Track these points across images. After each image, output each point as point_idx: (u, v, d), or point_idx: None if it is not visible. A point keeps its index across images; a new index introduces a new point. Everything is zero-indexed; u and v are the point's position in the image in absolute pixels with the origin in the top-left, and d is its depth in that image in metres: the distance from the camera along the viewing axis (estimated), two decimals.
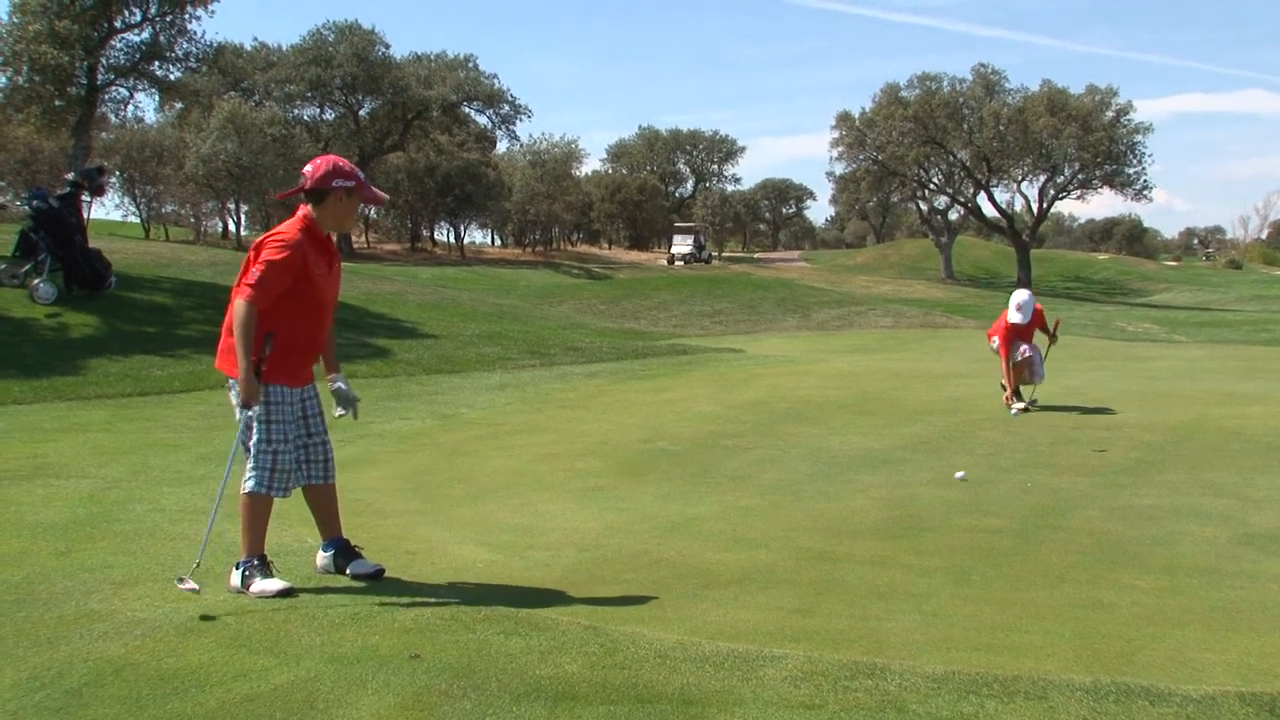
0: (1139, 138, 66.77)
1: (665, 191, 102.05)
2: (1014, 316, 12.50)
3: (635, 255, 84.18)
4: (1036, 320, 12.82)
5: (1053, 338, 13.20)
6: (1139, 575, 5.39)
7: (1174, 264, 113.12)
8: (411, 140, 68.18)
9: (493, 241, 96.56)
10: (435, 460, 9.12)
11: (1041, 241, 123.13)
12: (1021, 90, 67.63)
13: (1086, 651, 4.24)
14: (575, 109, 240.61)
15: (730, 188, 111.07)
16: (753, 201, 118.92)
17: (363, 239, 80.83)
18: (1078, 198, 72.15)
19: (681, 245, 76.64)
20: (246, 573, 4.99)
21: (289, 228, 5.15)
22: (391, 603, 4.82)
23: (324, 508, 5.36)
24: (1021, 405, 12.08)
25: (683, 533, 6.40)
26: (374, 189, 5.38)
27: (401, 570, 5.44)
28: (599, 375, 16.36)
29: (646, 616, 4.69)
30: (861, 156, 72.17)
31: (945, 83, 67.62)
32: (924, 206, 76.20)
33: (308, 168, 5.28)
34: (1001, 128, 65.74)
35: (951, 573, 5.45)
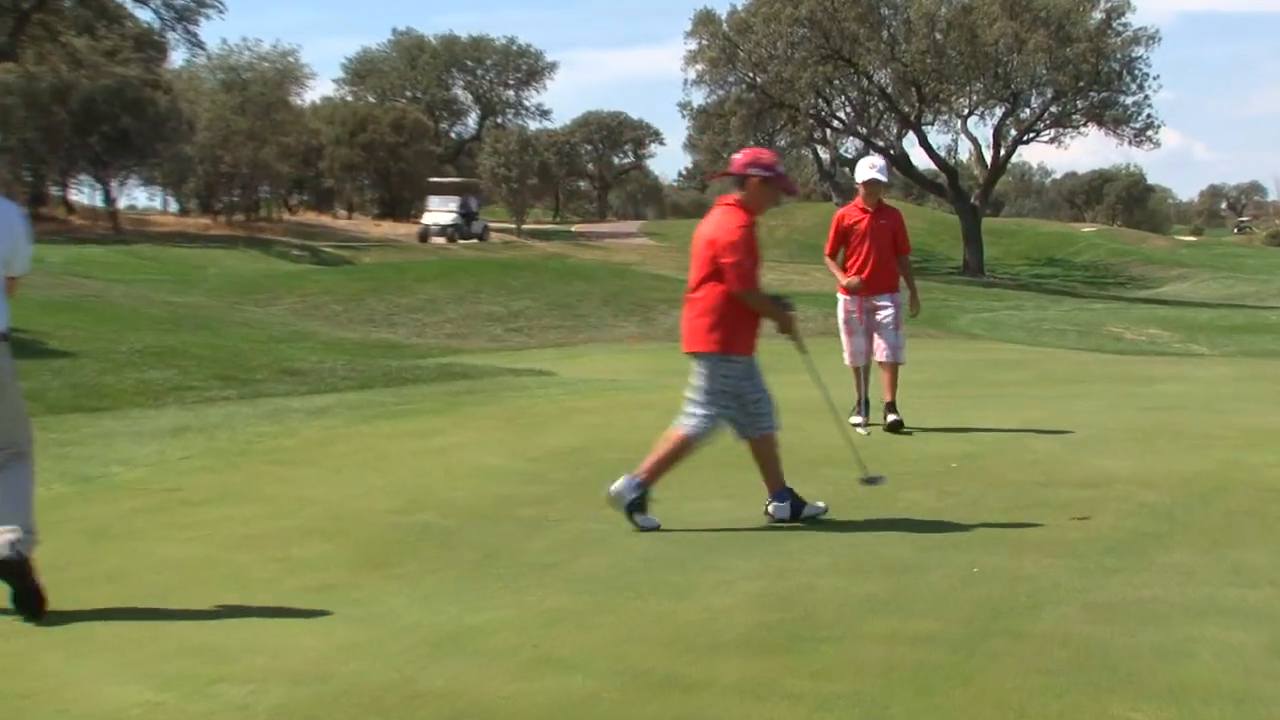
0: (1139, 51, 69.28)
1: (435, 130, 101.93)
2: (865, 174, 13.09)
3: (389, 228, 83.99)
4: (893, 225, 13.37)
5: (911, 286, 13.76)
6: (1135, 704, 5.58)
7: (1192, 239, 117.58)
8: (29, 44, 66.53)
9: (165, 206, 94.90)
10: (68, 547, 8.89)
11: (999, 207, 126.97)
12: None
13: None
14: (292, 4, 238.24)
15: (535, 124, 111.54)
16: (569, 145, 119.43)
17: None
18: (1051, 141, 74.57)
19: (440, 211, 75.93)
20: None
21: (732, 222, 9.42)
22: None
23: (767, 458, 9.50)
24: (861, 421, 12.84)
25: (458, 652, 6.40)
26: (788, 183, 9.82)
27: None
28: (330, 412, 16.20)
29: None
30: (732, 79, 73.26)
31: None
32: (825, 154, 77.72)
33: (735, 158, 9.55)
34: (939, 36, 67.37)
35: (861, 705, 5.57)
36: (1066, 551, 8.41)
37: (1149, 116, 70.28)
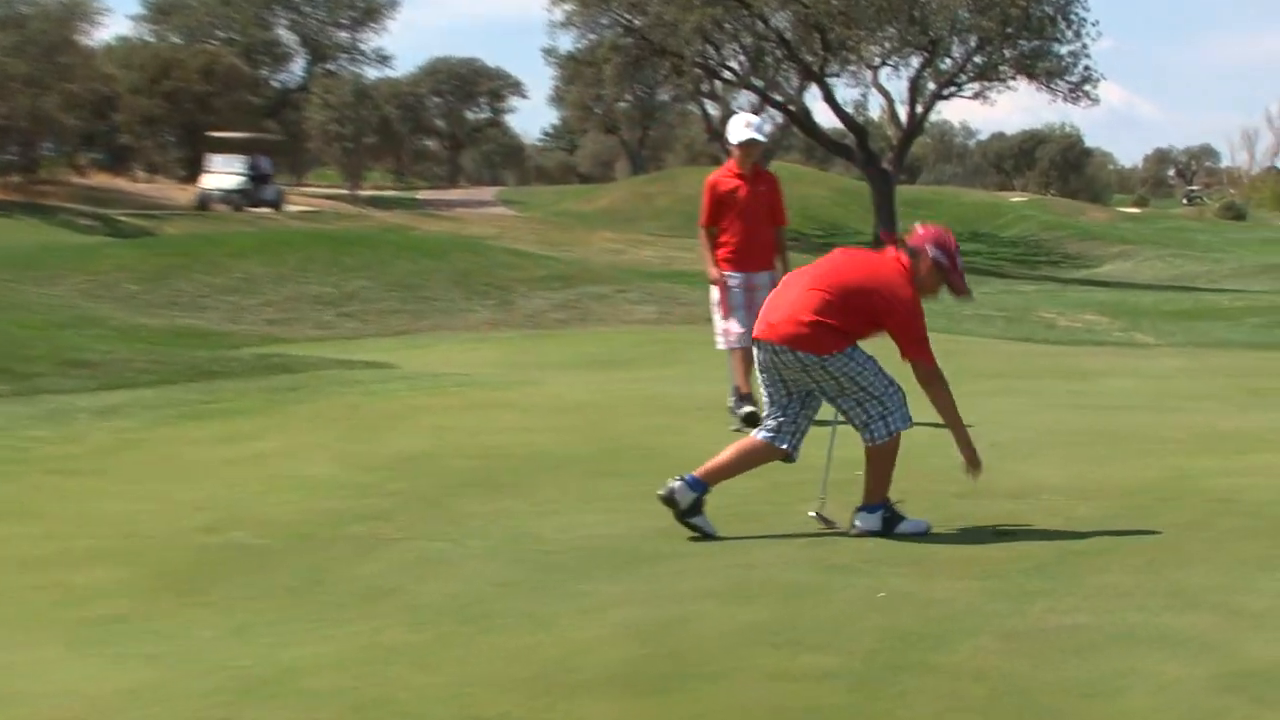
0: None
1: (254, 78, 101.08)
2: (742, 134, 13.50)
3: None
4: (771, 193, 13.75)
5: (783, 262, 14.09)
6: None
7: (1135, 211, 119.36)
8: None
9: None
10: None
11: (915, 172, 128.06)
12: None
13: None
14: None
15: (373, 72, 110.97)
16: (414, 98, 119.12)
17: None
18: (975, 96, 75.32)
19: (224, 173, 74.41)
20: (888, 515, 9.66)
21: (904, 283, 9.54)
22: None
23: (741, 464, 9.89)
24: (751, 410, 12.97)
25: (273, 695, 6.38)
26: (960, 281, 9.71)
27: None
28: (124, 412, 16.06)
29: None
30: (605, 21, 73.22)
31: None
32: (715, 111, 77.92)
33: (918, 228, 9.91)
34: None
35: None
36: (986, 572, 8.51)
37: (1087, 68, 71.11)
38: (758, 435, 9.79)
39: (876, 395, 9.50)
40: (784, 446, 9.67)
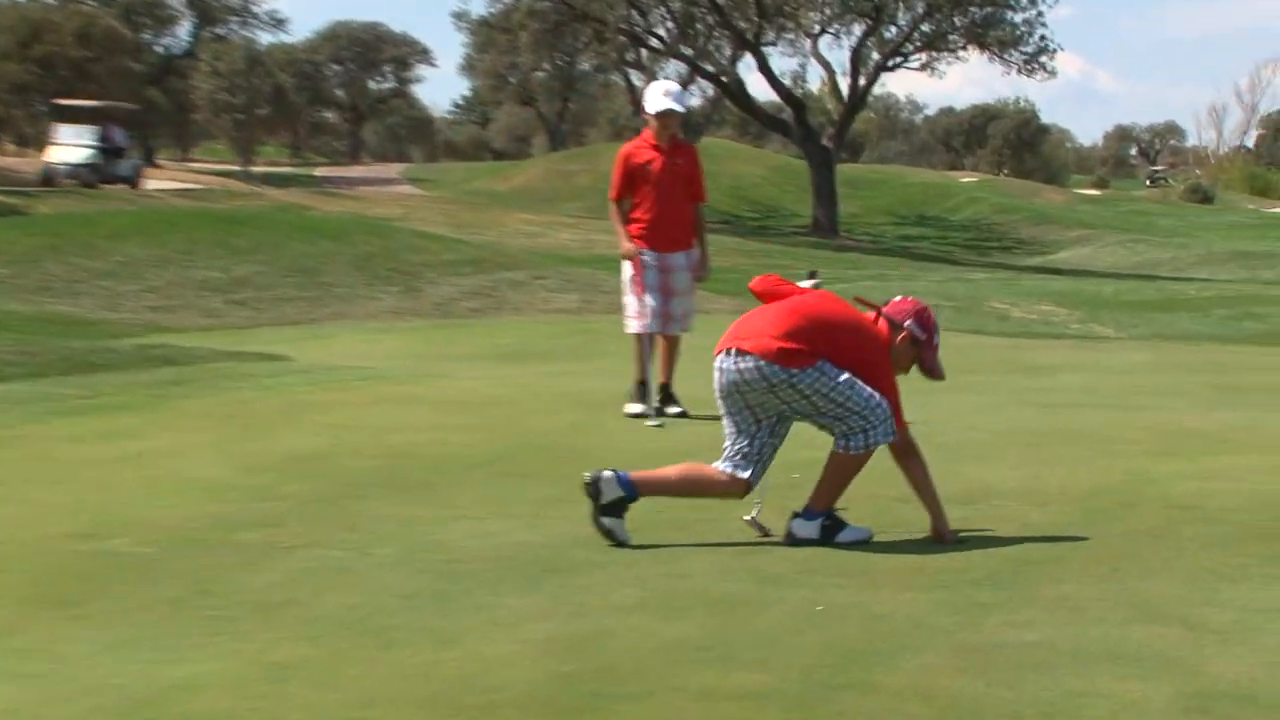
0: None
1: (136, 42, 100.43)
2: (661, 103, 13.68)
3: None
4: (689, 167, 13.84)
5: (702, 242, 14.24)
6: None
7: (1095, 193, 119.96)
8: None
9: None
10: None
11: (858, 150, 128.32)
12: None
13: None
14: None
15: (267, 37, 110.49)
16: (312, 66, 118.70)
17: None
18: (922, 68, 75.56)
19: (72, 145, 73.06)
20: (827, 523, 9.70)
21: (884, 342, 9.79)
22: None
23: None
24: (643, 409, 13.17)
25: (154, 717, 6.33)
26: (934, 360, 10.00)
27: None
28: None
29: None
30: None
31: None
32: (640, 81, 77.78)
33: (897, 298, 10.11)
34: None
35: None
36: (933, 583, 8.54)
37: (1043, 38, 71.45)
38: (720, 465, 9.73)
39: (857, 410, 9.48)
40: (746, 475, 9.69)
